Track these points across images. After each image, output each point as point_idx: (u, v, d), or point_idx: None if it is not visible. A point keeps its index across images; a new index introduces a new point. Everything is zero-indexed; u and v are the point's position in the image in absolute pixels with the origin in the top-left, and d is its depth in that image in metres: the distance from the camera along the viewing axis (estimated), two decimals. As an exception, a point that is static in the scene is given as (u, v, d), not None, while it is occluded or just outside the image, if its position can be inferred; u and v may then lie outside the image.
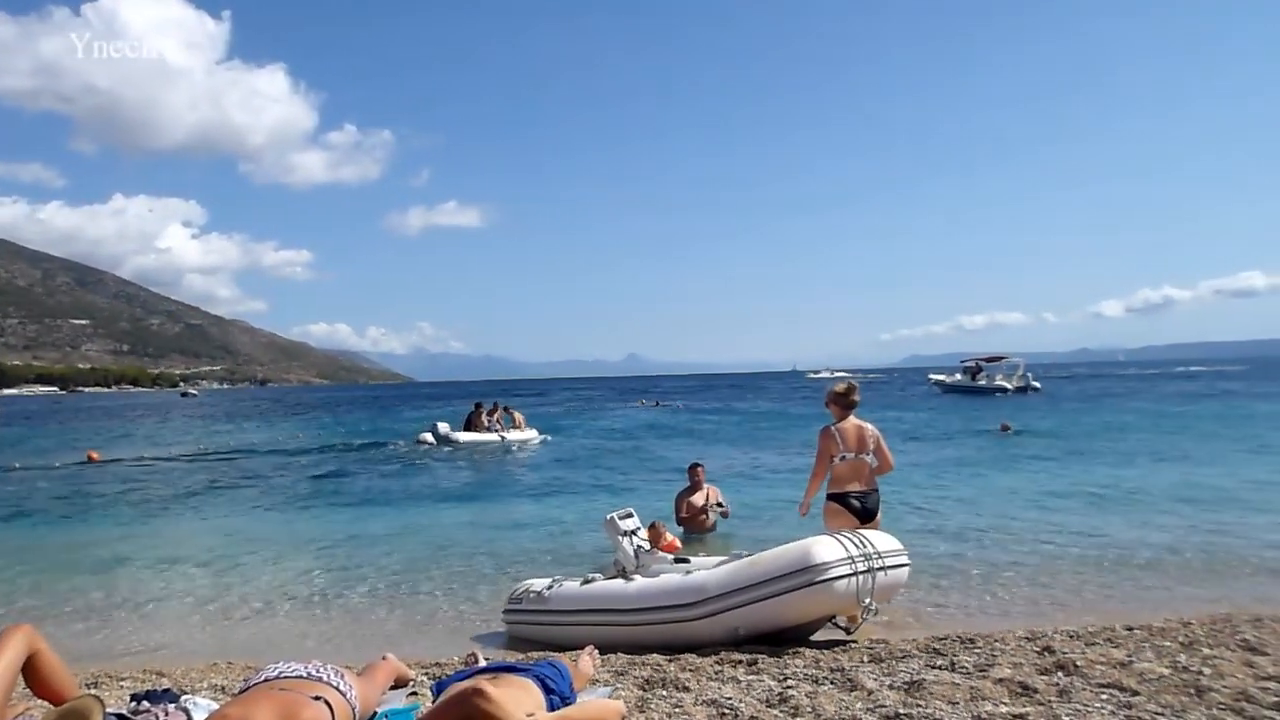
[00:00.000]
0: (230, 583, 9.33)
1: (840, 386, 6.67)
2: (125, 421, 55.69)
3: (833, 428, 6.53)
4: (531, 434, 28.81)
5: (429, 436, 27.95)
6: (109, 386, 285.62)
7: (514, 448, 26.54)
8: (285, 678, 3.29)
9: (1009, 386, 53.80)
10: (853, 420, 6.56)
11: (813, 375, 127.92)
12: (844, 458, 6.41)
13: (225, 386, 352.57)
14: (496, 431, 27.76)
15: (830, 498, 6.46)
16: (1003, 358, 57.98)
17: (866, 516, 6.36)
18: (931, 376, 65.17)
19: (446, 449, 26.14)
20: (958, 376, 59.22)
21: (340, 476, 20.22)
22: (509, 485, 17.82)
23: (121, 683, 5.36)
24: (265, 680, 3.29)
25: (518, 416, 29.36)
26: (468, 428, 27.63)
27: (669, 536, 7.91)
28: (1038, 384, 57.16)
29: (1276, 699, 3.87)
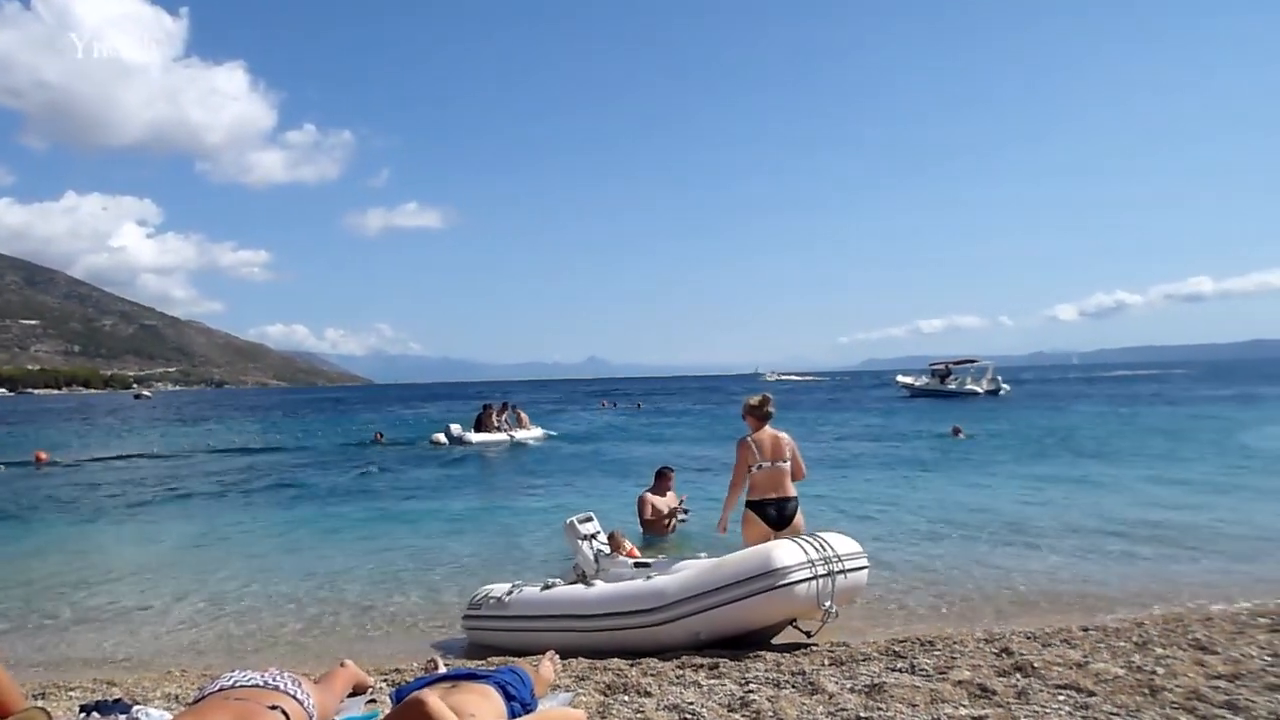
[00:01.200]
0: (184, 588, 9.14)
1: (754, 399, 6.78)
2: (76, 423, 54.58)
3: (749, 438, 6.64)
4: (537, 432, 29.47)
5: (442, 437, 28.21)
6: (59, 388, 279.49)
7: (526, 444, 27.40)
8: (241, 686, 3.23)
9: (979, 390, 54.10)
10: (768, 430, 6.67)
11: (769, 377, 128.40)
12: (761, 467, 6.53)
13: (180, 388, 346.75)
14: (505, 431, 28.25)
15: (748, 505, 6.58)
16: (972, 361, 58.13)
17: (782, 524, 6.47)
18: (899, 379, 65.47)
19: (459, 449, 26.46)
20: (925, 380, 59.44)
21: (295, 480, 19.92)
22: (470, 489, 17.68)
23: (70, 693, 5.22)
24: (220, 689, 3.22)
25: (523, 416, 30.04)
26: (478, 428, 28.09)
27: (628, 545, 7.91)
28: (1007, 386, 57.53)
29: (1226, 697, 3.94)
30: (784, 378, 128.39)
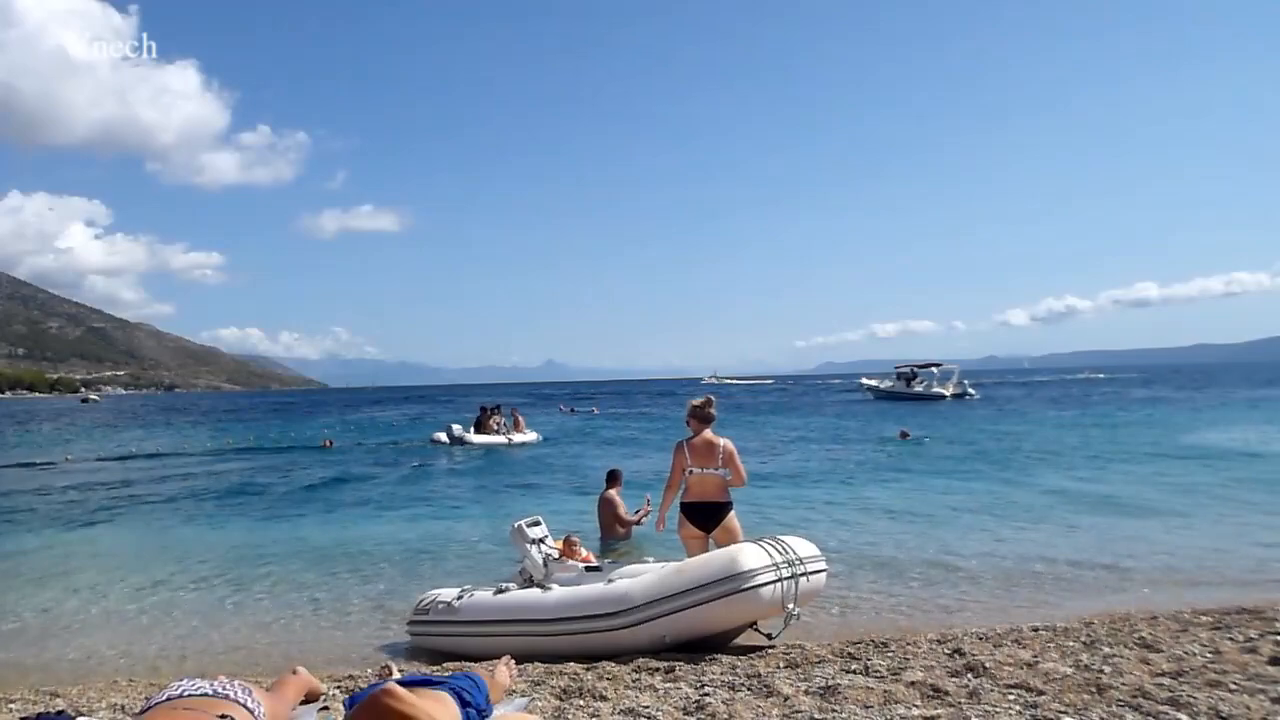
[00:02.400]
0: (131, 595, 8.95)
1: (697, 399, 6.91)
2: (19, 427, 53.23)
3: (684, 442, 6.75)
4: (531, 435, 30.05)
5: (443, 436, 29.12)
6: (3, 392, 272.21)
7: (523, 445, 28.38)
8: (189, 696, 3.15)
9: (946, 393, 54.44)
10: (706, 435, 6.76)
11: (709, 380, 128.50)
12: (693, 471, 6.65)
13: (130, 392, 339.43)
14: (503, 433, 29.02)
15: (681, 507, 6.71)
16: (937, 364, 58.65)
17: (711, 524, 6.59)
18: (863, 382, 65.78)
19: (460, 449, 27.37)
20: (889, 383, 59.79)
21: (243, 485, 19.63)
22: (426, 494, 17.53)
23: (11, 705, 5.10)
24: (167, 699, 3.14)
25: (519, 419, 30.74)
26: (478, 430, 28.97)
27: (583, 551, 7.92)
28: (974, 390, 57.99)
29: (1170, 694, 4.03)
30: (725, 381, 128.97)
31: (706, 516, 6.61)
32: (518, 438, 28.94)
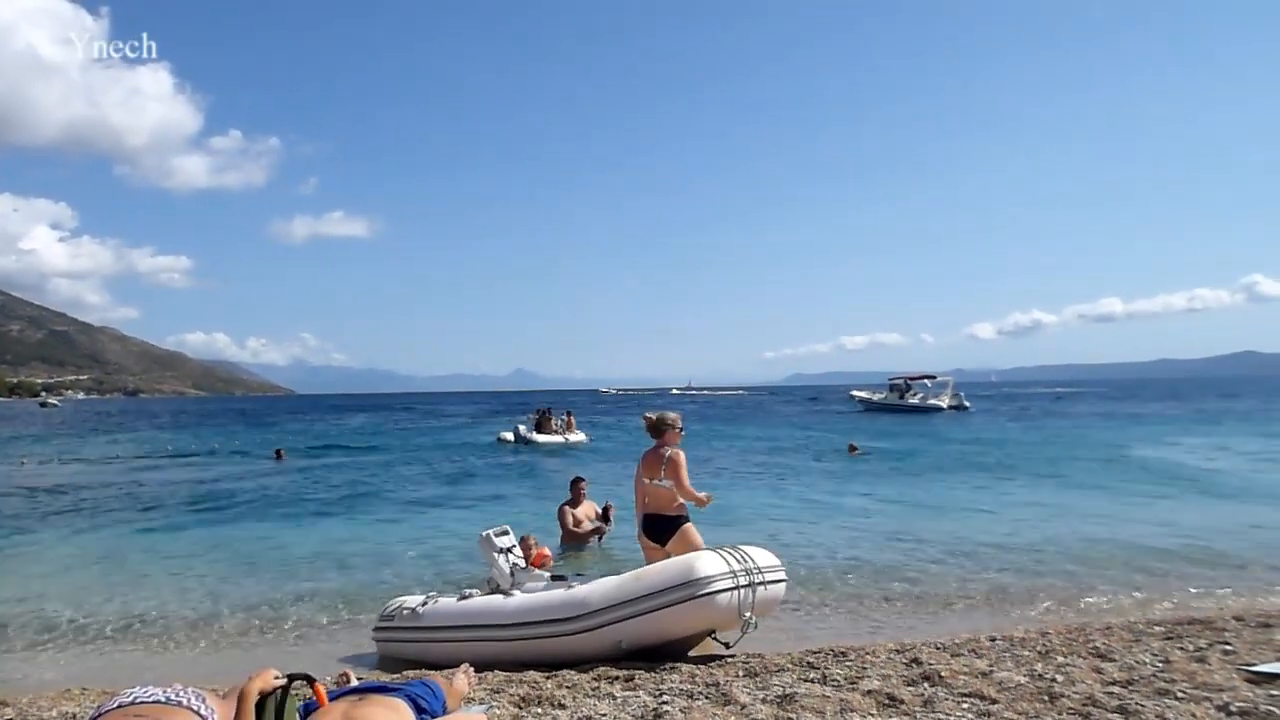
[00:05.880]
0: (85, 603, 8.78)
1: (651, 416, 6.98)
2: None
3: (645, 453, 6.86)
4: (582, 436, 32.77)
5: (509, 436, 32.17)
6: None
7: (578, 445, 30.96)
8: (141, 703, 3.11)
9: (943, 405, 54.06)
10: (657, 446, 6.83)
11: (678, 392, 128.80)
12: (645, 482, 6.73)
13: (92, 397, 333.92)
14: (560, 433, 31.74)
15: (639, 518, 6.81)
16: (931, 376, 58.20)
17: (663, 538, 6.63)
18: (854, 394, 65.50)
19: (524, 447, 30.20)
20: (882, 395, 59.40)
21: (200, 493, 19.38)
22: (384, 499, 17.44)
23: (-42, 714, 5.01)
24: (119, 706, 3.10)
25: (571, 420, 33.43)
26: (539, 430, 31.61)
27: (537, 549, 7.91)
28: (969, 403, 57.54)
29: (1119, 703, 4.10)
30: (689, 392, 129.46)
31: (659, 530, 6.66)
32: (572, 437, 31.79)
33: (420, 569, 10.08)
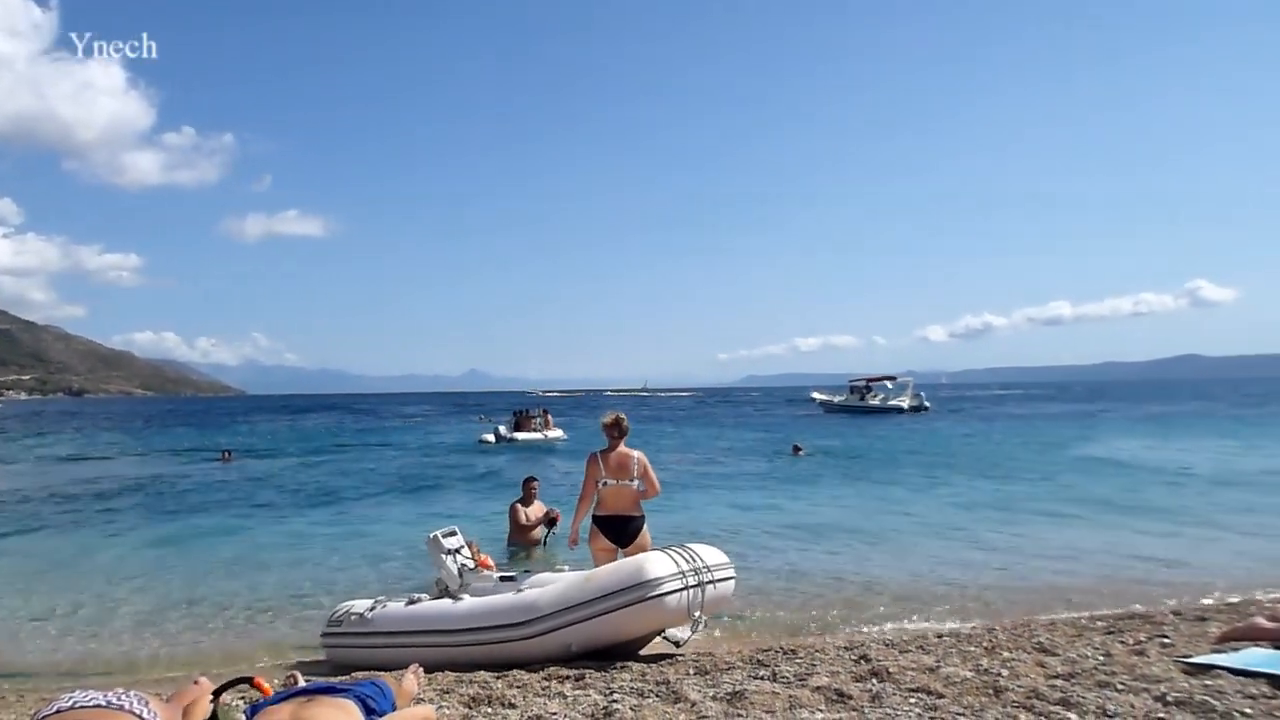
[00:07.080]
0: (23, 605, 8.59)
1: (607, 417, 6.90)
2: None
3: (597, 454, 6.74)
4: (559, 433, 34.23)
5: (490, 437, 33.17)
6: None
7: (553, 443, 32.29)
8: (81, 707, 3.01)
9: (904, 406, 54.72)
10: (621, 448, 6.76)
11: (634, 391, 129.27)
12: (606, 483, 6.63)
13: (35, 397, 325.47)
14: (539, 431, 33.39)
15: (594, 519, 6.68)
16: (891, 378, 58.93)
17: (622, 541, 6.58)
18: (814, 395, 65.70)
19: (508, 446, 31.09)
20: (842, 397, 59.90)
21: (144, 493, 19.11)
22: (328, 501, 17.23)
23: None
24: (58, 711, 3.00)
25: (549, 418, 35.18)
26: (518, 429, 33.32)
27: (481, 555, 7.87)
28: (929, 404, 58.38)
29: (1062, 695, 4.17)
30: (645, 393, 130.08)
31: (619, 531, 6.58)
32: (551, 434, 33.44)
33: (369, 571, 9.98)
